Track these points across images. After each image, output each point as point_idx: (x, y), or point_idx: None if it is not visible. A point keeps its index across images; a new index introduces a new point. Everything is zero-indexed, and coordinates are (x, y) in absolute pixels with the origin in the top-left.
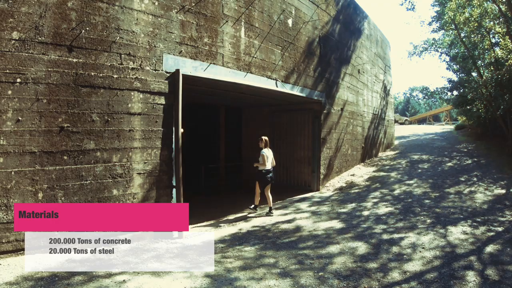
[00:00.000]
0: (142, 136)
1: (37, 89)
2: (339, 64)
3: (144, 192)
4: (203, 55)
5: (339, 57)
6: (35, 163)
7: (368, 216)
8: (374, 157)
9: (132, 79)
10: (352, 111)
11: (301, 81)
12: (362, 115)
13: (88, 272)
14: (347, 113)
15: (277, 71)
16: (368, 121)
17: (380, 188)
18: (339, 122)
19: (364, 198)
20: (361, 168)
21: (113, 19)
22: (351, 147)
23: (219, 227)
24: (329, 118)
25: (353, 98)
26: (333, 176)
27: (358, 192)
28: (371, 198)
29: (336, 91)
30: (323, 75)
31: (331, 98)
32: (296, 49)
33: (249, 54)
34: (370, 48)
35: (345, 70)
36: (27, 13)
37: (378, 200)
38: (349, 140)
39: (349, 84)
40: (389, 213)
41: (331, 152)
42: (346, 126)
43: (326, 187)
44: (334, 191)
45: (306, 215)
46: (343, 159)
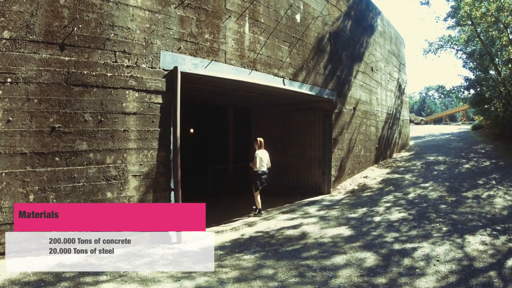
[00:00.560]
0: (137, 136)
1: (28, 89)
2: (351, 61)
3: (140, 195)
4: (204, 51)
5: (351, 54)
6: (26, 164)
7: (380, 222)
8: (388, 158)
9: (127, 77)
10: (365, 110)
11: (311, 78)
12: (375, 114)
13: (76, 277)
14: (359, 112)
15: (285, 68)
16: (382, 121)
17: (394, 191)
18: (351, 121)
19: (376, 202)
20: (374, 170)
21: (107, 16)
22: (364, 147)
23: (221, 232)
24: (341, 117)
25: (366, 97)
26: (345, 178)
27: (370, 196)
28: (384, 202)
29: (348, 90)
30: (334, 72)
31: (342, 96)
32: (305, 46)
33: (254, 51)
34: (383, 46)
35: (357, 68)
36: (19, 12)
37: (391, 204)
38: (362, 141)
39: (361, 83)
40: (402, 219)
41: (342, 153)
42: (358, 126)
43: (338, 190)
44: (345, 194)
45: (313, 220)
46: (356, 161)
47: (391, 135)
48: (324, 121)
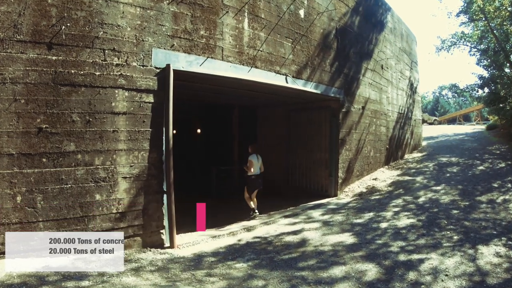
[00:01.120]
0: (127, 137)
1: (15, 89)
2: (360, 58)
3: (131, 198)
4: (199, 48)
5: (359, 51)
6: (13, 166)
7: (386, 229)
8: (399, 160)
9: (116, 76)
10: (374, 109)
11: (316, 76)
12: (386, 114)
13: (58, 281)
14: (369, 111)
15: (287, 65)
16: (393, 121)
17: (404, 194)
18: (360, 121)
19: (384, 206)
20: (384, 172)
21: (97, 13)
22: (374, 148)
23: (217, 237)
24: (349, 117)
25: (376, 95)
26: (353, 180)
27: (378, 199)
28: (392, 207)
29: (356, 88)
30: (341, 70)
31: (350, 95)
32: (309, 42)
33: (254, 47)
34: (394, 43)
35: (366, 66)
36: (6, 12)
37: (400, 209)
38: (371, 141)
39: (371, 81)
40: (411, 226)
41: (351, 154)
42: (368, 126)
43: (345, 193)
44: (353, 197)
45: (316, 226)
46: (365, 162)
47: (402, 136)
48: (331, 121)
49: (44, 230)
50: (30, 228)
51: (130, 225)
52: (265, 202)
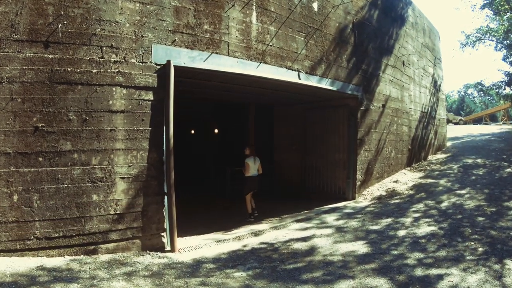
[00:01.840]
0: (125, 136)
1: (12, 88)
2: (379, 54)
3: (129, 199)
4: (203, 43)
5: (378, 47)
6: (10, 164)
7: (404, 238)
8: (422, 161)
9: (114, 73)
10: (396, 108)
11: (331, 72)
12: (408, 112)
13: (48, 283)
14: (389, 110)
15: (300, 61)
16: (415, 120)
17: (425, 198)
18: (380, 120)
19: (404, 211)
20: (406, 174)
21: (94, 10)
22: (395, 149)
23: (222, 241)
24: (368, 115)
25: (397, 93)
26: (372, 182)
27: (398, 204)
28: (412, 212)
29: (375, 85)
30: (359, 66)
31: (369, 93)
32: (324, 36)
33: (263, 42)
34: (416, 38)
35: (386, 62)
36: (4, 12)
37: (421, 214)
38: (392, 142)
39: (391, 78)
40: (431, 235)
41: (370, 155)
42: (388, 125)
43: (363, 196)
44: (371, 200)
45: (328, 232)
46: (385, 163)
47: (425, 136)
48: (349, 120)
49: (41, 229)
50: (27, 227)
51: (129, 227)
52: (280, 204)
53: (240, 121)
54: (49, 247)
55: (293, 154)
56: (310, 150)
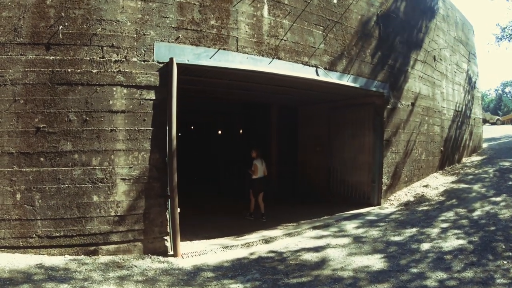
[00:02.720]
0: (126, 136)
1: (15, 90)
2: (407, 48)
3: (130, 201)
4: (209, 39)
5: (406, 40)
6: (13, 164)
7: (427, 252)
8: (455, 164)
9: (114, 73)
10: (426, 106)
11: (354, 68)
12: (440, 111)
13: (40, 281)
14: (419, 109)
15: (318, 56)
16: (448, 119)
17: (456, 206)
18: (409, 120)
19: (431, 220)
20: (437, 178)
21: (95, 10)
22: (426, 151)
23: (229, 248)
24: (395, 114)
25: (428, 90)
26: (400, 187)
27: (426, 211)
28: (441, 221)
29: (404, 82)
30: (385, 61)
31: (397, 90)
32: (344, 30)
33: (276, 37)
34: (448, 32)
35: (415, 56)
36: (8, 17)
37: (449, 225)
38: (423, 143)
39: (421, 74)
40: (459, 250)
41: (397, 157)
42: (418, 125)
43: (389, 201)
44: (397, 206)
45: (344, 242)
46: (415, 166)
47: (459, 136)
48: (375, 119)
49: (42, 228)
50: (29, 225)
51: (130, 229)
52: (301, 208)
53: (262, 122)
54: (51, 245)
55: (317, 155)
56: (335, 151)
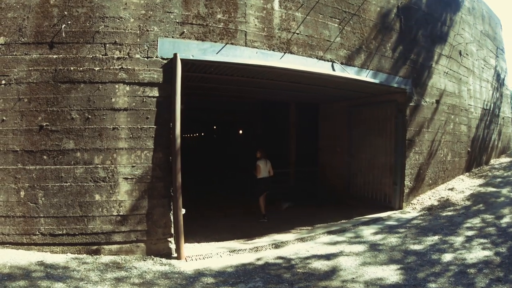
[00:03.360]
0: (129, 135)
1: (19, 89)
2: (431, 42)
3: (133, 201)
4: (216, 34)
5: (430, 34)
6: (18, 162)
7: (449, 264)
8: (483, 165)
9: (117, 70)
10: (452, 104)
11: (373, 63)
12: (467, 110)
13: (37, 279)
14: (445, 106)
15: (334, 50)
16: (475, 118)
17: (483, 211)
18: (433, 118)
19: (455, 227)
20: (464, 180)
21: (98, 8)
22: (452, 151)
23: (236, 252)
24: (419, 112)
25: (454, 87)
26: (423, 190)
27: (450, 217)
28: (466, 229)
29: (427, 78)
30: (407, 56)
31: (420, 86)
32: (362, 22)
33: (288, 30)
34: (474, 25)
35: (440, 51)
36: (13, 18)
37: (475, 233)
38: (448, 143)
39: (446, 69)
40: (484, 262)
41: (421, 158)
42: (444, 124)
43: (412, 205)
44: (420, 211)
45: (359, 249)
46: (440, 168)
47: (487, 136)
48: (397, 118)
49: (45, 226)
50: (32, 223)
51: (133, 230)
52: (319, 211)
53: (281, 120)
54: (53, 243)
55: (337, 156)
56: (355, 151)
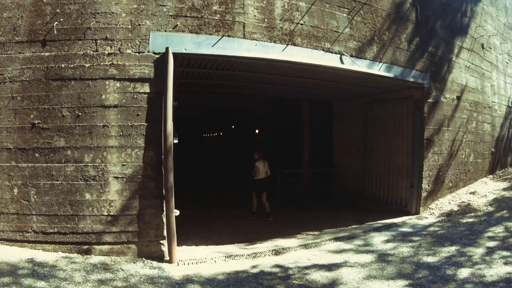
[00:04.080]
0: (119, 132)
1: (13, 87)
2: (450, 34)
3: (124, 201)
4: (211, 26)
5: (449, 25)
6: (11, 159)
7: (465, 282)
8: (508, 167)
9: (107, 66)
10: (474, 101)
11: (387, 55)
12: (490, 107)
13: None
14: (466, 103)
15: (343, 41)
16: (500, 116)
17: (507, 219)
18: (454, 116)
19: (476, 236)
20: (487, 183)
21: (89, 4)
22: (474, 152)
23: (233, 257)
24: (438, 110)
25: (476, 82)
26: (443, 193)
27: (470, 224)
28: (487, 239)
29: (447, 72)
30: (425, 48)
31: (439, 81)
32: (374, 12)
33: (291, 20)
34: (497, 17)
35: (460, 44)
36: (8, 18)
37: (497, 244)
38: (470, 143)
39: (468, 63)
40: (506, 281)
41: (441, 159)
42: (465, 122)
43: (430, 210)
44: (438, 216)
45: (366, 260)
46: (461, 169)
47: None
48: (414, 115)
49: (38, 223)
50: (25, 220)
51: (123, 231)
52: (330, 214)
53: (294, 119)
54: (45, 241)
55: (351, 156)
56: (370, 151)
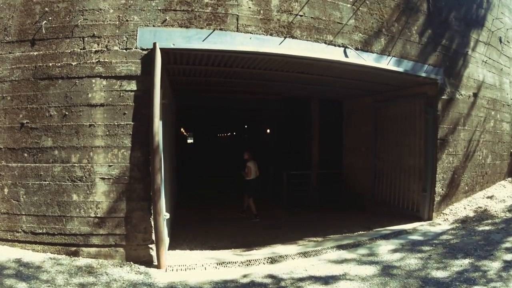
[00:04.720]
0: (105, 132)
1: (3, 87)
2: (465, 27)
3: (110, 202)
4: (202, 20)
5: (464, 17)
6: (1, 159)
7: None
8: None
9: (93, 64)
10: (492, 98)
11: (396, 48)
12: (509, 105)
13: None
14: (484, 101)
15: (347, 34)
16: None
17: None
18: (470, 114)
19: (492, 247)
20: (506, 187)
21: (78, 1)
22: (492, 153)
23: (225, 265)
24: (453, 107)
25: (494, 78)
26: (458, 197)
27: (487, 232)
28: (504, 251)
29: (463, 67)
30: (438, 41)
31: (454, 76)
32: (382, 3)
33: (289, 12)
34: None
35: (476, 37)
36: None
37: None
38: (488, 143)
39: (485, 58)
40: None
41: (456, 161)
42: (483, 121)
43: (443, 215)
44: (452, 223)
45: (368, 272)
46: (478, 172)
47: None
48: (427, 113)
49: (27, 223)
50: (15, 220)
51: (111, 233)
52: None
53: (302, 119)
54: (35, 242)
55: (362, 157)
56: (381, 152)
